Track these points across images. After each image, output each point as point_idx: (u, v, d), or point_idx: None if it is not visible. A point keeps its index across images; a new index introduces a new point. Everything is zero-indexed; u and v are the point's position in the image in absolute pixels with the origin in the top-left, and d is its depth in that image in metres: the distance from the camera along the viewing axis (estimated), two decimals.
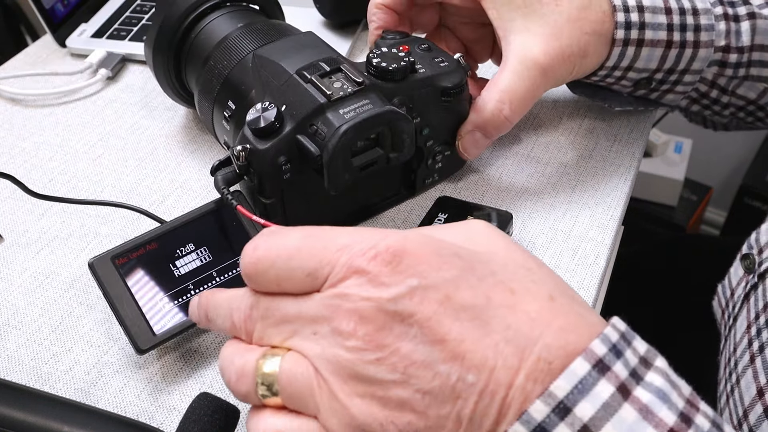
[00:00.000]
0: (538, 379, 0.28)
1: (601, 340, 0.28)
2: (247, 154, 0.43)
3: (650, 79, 0.55)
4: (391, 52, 0.47)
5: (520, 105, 0.50)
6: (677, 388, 0.29)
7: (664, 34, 0.52)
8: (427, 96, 0.48)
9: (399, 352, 0.28)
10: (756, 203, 1.33)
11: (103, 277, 0.42)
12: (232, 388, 0.32)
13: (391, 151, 0.45)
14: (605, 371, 0.28)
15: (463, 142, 0.51)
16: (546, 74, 0.49)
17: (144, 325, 0.42)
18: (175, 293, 0.43)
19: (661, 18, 0.52)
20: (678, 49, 0.52)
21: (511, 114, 0.50)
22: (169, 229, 0.44)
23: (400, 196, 0.54)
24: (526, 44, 0.49)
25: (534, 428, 0.27)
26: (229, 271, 0.45)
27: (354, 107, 0.43)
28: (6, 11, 1.20)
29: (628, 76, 0.54)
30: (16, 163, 0.60)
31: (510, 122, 0.50)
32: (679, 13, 0.52)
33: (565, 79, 0.52)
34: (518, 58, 0.49)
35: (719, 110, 0.60)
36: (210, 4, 0.55)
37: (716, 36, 0.53)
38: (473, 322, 0.28)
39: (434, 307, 0.28)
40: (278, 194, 0.45)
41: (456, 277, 0.29)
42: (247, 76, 0.49)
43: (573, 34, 0.50)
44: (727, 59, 0.54)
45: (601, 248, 0.50)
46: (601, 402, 0.27)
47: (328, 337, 0.29)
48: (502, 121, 0.50)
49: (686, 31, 0.52)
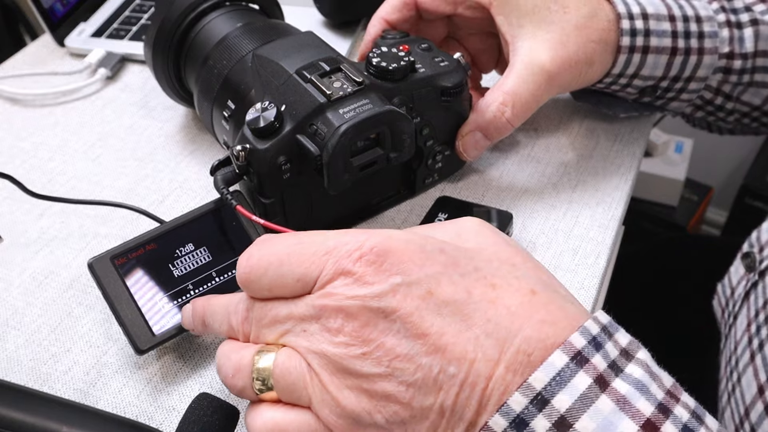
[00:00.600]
0: (518, 371, 0.29)
1: (581, 332, 0.29)
2: (247, 154, 0.43)
3: (655, 87, 0.55)
4: (391, 51, 0.47)
5: (522, 109, 0.50)
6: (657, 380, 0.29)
7: (668, 41, 0.52)
8: (428, 96, 0.48)
9: (383, 346, 0.30)
10: (757, 203, 1.33)
11: (103, 278, 0.42)
12: (228, 384, 0.34)
13: (391, 150, 0.45)
14: (583, 363, 0.28)
15: (464, 143, 0.51)
16: (552, 80, 0.50)
17: (143, 325, 0.42)
18: (175, 293, 0.43)
19: (665, 25, 0.52)
20: (683, 56, 0.53)
21: (513, 117, 0.50)
22: (169, 229, 0.44)
23: (400, 195, 0.54)
24: (533, 50, 0.50)
25: (513, 419, 0.28)
26: (228, 272, 0.44)
27: (354, 107, 0.43)
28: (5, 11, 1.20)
29: (633, 83, 0.54)
30: (15, 163, 0.60)
31: (511, 125, 0.50)
32: (683, 20, 0.52)
33: (570, 86, 0.52)
34: (525, 64, 0.49)
35: (724, 117, 0.60)
36: (209, 4, 0.55)
37: (720, 43, 0.53)
38: (454, 316, 0.30)
39: (416, 302, 0.30)
40: (278, 194, 0.45)
41: (438, 273, 0.31)
42: (246, 76, 0.49)
43: (580, 41, 0.50)
44: (731, 66, 0.54)
45: (601, 248, 0.50)
46: (578, 393, 0.28)
47: (317, 334, 0.31)
48: (503, 123, 0.50)
49: (690, 38, 0.52)
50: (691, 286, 0.74)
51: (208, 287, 0.44)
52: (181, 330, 0.42)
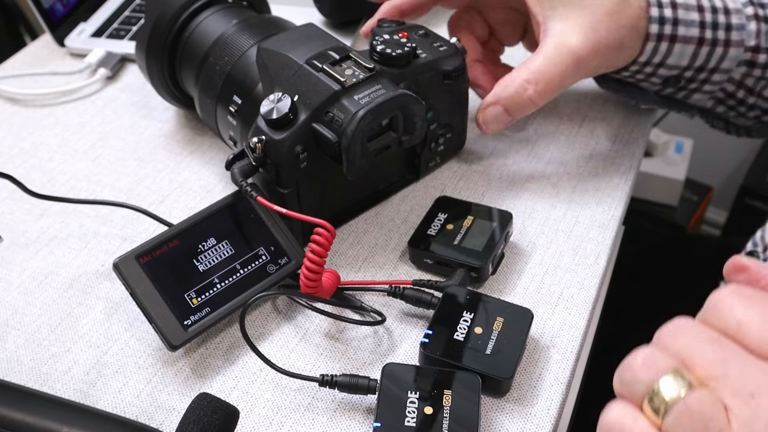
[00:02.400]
0: None
1: None
2: (264, 146, 0.44)
3: (679, 77, 0.55)
4: (393, 38, 0.48)
5: (546, 89, 0.50)
6: None
7: (696, 31, 0.52)
8: (431, 79, 0.49)
9: None
10: (757, 203, 1.33)
11: (129, 277, 0.42)
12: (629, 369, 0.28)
13: (404, 134, 0.46)
14: None
15: (484, 115, 0.52)
16: (579, 64, 0.50)
17: (174, 321, 0.42)
18: (201, 288, 0.43)
19: (693, 15, 0.52)
20: (709, 47, 0.53)
21: (536, 95, 0.50)
22: (190, 225, 0.45)
23: (405, 180, 0.55)
24: (564, 32, 0.50)
25: None
26: (252, 263, 0.45)
27: (368, 92, 0.44)
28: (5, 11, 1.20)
29: (658, 72, 0.54)
30: (15, 162, 0.60)
31: (533, 103, 0.51)
32: (711, 11, 0.53)
33: (597, 71, 0.53)
34: (554, 45, 0.50)
35: (744, 111, 0.59)
36: (201, 3, 0.55)
37: (747, 36, 0.53)
38: None
39: None
40: (294, 184, 0.46)
41: None
42: (251, 71, 0.49)
43: (611, 26, 0.50)
44: (756, 59, 0.54)
45: (601, 248, 0.50)
46: None
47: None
48: (525, 99, 0.50)
49: (718, 30, 0.52)
50: (691, 286, 0.74)
51: (233, 280, 0.44)
52: (212, 323, 0.43)
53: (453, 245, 0.47)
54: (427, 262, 0.48)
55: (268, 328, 0.46)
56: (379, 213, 0.53)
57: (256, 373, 0.43)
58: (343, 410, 0.41)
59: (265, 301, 0.47)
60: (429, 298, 0.45)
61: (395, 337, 0.45)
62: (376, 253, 0.50)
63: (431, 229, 0.49)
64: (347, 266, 0.49)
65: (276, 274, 0.45)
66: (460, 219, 0.49)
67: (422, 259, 0.48)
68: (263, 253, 0.46)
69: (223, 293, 0.44)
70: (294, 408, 0.41)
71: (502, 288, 0.48)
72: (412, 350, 0.44)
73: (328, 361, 0.44)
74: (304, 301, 0.46)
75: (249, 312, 0.47)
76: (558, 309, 0.46)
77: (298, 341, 0.45)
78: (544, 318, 0.46)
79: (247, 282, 0.45)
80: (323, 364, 0.44)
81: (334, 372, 0.43)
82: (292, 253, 0.46)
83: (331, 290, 0.44)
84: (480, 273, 0.46)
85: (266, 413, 0.41)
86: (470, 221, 0.49)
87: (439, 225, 0.49)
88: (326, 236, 0.41)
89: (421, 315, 0.46)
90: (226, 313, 0.43)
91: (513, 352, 0.41)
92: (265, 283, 0.45)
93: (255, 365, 0.44)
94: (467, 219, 0.49)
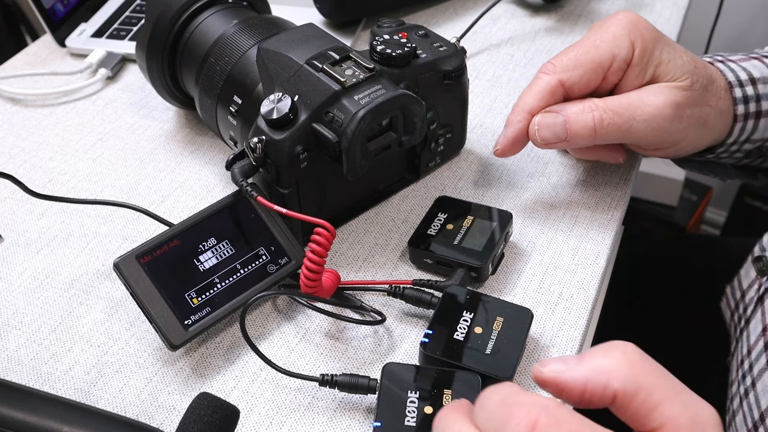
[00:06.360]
0: None
1: None
2: (264, 146, 0.44)
3: (761, 148, 0.54)
4: (393, 38, 0.48)
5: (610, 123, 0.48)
6: None
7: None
8: (431, 80, 0.50)
9: None
10: (756, 203, 1.33)
11: (129, 277, 0.42)
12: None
13: (404, 134, 0.46)
14: None
15: (541, 118, 0.49)
16: (655, 119, 0.48)
17: (174, 320, 0.42)
18: (202, 287, 0.44)
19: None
20: None
21: (599, 122, 0.48)
22: (190, 224, 0.45)
23: (405, 180, 0.55)
24: (650, 91, 0.48)
25: None
26: (252, 263, 0.45)
27: (368, 93, 0.44)
28: (6, 11, 1.19)
29: (743, 148, 0.54)
30: (16, 162, 0.60)
31: (593, 130, 0.48)
32: None
33: (672, 137, 0.50)
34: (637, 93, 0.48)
35: None
36: (201, 3, 0.55)
37: None
38: None
39: None
40: (294, 184, 0.46)
41: None
42: (251, 71, 0.49)
43: (696, 102, 0.49)
44: None
45: (601, 248, 0.50)
46: None
47: None
48: (586, 118, 0.48)
49: None
50: (691, 286, 0.74)
51: (233, 279, 0.44)
52: (212, 323, 0.43)
53: (453, 245, 0.48)
54: (427, 261, 0.48)
55: (269, 328, 0.46)
56: (379, 213, 0.53)
57: (256, 372, 0.43)
58: (343, 410, 0.41)
59: (266, 301, 0.47)
60: (429, 297, 0.45)
61: (395, 337, 0.45)
62: (376, 253, 0.50)
63: (431, 229, 0.49)
64: (347, 266, 0.50)
65: (276, 274, 0.45)
66: (460, 219, 0.49)
67: (422, 258, 0.48)
68: (263, 253, 0.46)
69: (223, 293, 0.44)
70: (294, 407, 0.42)
71: (501, 288, 0.48)
72: (412, 350, 0.44)
73: (328, 360, 0.44)
74: (304, 300, 0.46)
75: (249, 312, 0.47)
76: (558, 309, 0.46)
77: (298, 341, 0.45)
78: (544, 318, 0.46)
79: (248, 282, 0.45)
80: (323, 363, 0.44)
81: (334, 372, 0.43)
82: (292, 252, 0.46)
83: (331, 290, 0.44)
84: (480, 273, 0.46)
85: (266, 413, 0.41)
86: (470, 221, 0.49)
87: (439, 225, 0.49)
88: (326, 236, 0.41)
89: (421, 315, 0.46)
90: (226, 312, 0.44)
91: (513, 351, 0.41)
92: (266, 282, 0.45)
93: (255, 365, 0.44)
94: (467, 219, 0.49)
